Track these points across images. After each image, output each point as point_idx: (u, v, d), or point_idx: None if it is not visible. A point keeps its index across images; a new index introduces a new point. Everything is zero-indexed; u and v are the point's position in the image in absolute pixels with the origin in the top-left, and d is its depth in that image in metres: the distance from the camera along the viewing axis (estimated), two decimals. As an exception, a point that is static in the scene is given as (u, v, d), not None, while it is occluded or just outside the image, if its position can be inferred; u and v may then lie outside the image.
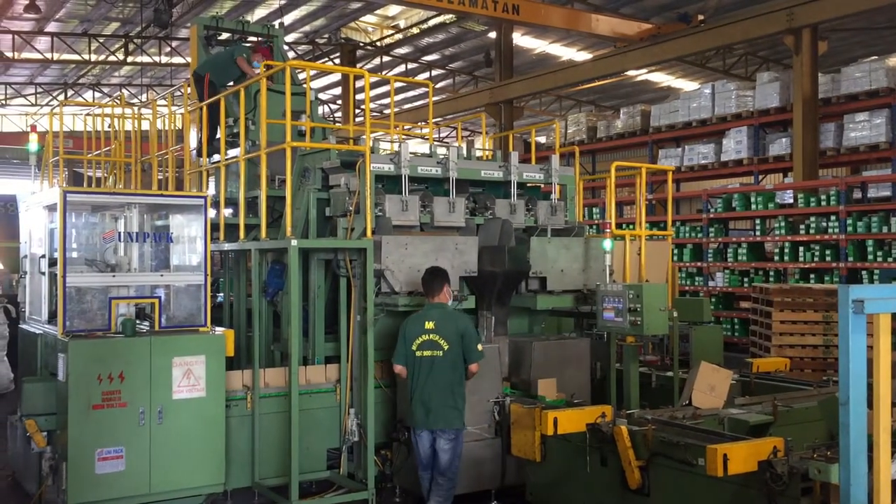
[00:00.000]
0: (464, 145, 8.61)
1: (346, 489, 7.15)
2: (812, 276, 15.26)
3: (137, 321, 6.83)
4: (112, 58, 25.68)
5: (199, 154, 9.95)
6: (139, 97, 30.80)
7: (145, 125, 11.17)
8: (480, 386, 7.07)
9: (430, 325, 6.37)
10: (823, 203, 15.25)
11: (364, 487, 7.03)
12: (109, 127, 11.98)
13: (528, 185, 8.68)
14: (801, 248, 15.53)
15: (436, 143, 9.04)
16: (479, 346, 6.48)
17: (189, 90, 10.29)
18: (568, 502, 6.57)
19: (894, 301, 3.33)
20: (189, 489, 6.72)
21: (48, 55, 25.04)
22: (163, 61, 26.73)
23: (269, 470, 7.24)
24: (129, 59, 25.43)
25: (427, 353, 6.35)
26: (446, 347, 6.33)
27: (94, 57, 25.56)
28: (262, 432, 7.22)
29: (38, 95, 31.51)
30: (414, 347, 6.36)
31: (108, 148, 11.87)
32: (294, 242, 6.91)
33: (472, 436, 7.01)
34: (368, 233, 7.13)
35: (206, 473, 6.75)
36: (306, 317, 7.79)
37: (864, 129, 16.34)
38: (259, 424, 7.20)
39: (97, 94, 31.09)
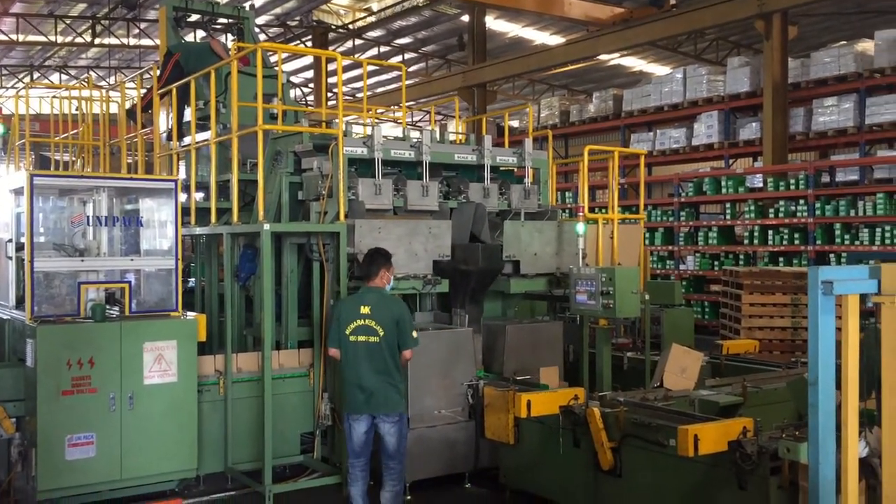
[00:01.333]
0: (437, 129, 8.58)
1: (319, 473, 7.15)
2: (781, 259, 15.45)
3: (107, 306, 6.75)
4: (79, 39, 25.24)
5: (170, 137, 9.83)
6: (107, 80, 30.34)
7: (113, 108, 11.01)
8: (454, 369, 7.09)
9: (365, 309, 5.99)
10: (792, 187, 15.43)
11: (338, 471, 7.03)
12: (77, 110, 11.80)
13: (502, 168, 8.68)
14: (770, 232, 15.72)
15: (409, 126, 9.00)
16: (415, 333, 6.16)
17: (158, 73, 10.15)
18: (541, 484, 6.62)
19: (863, 282, 3.38)
20: (161, 475, 6.68)
21: (13, 36, 24.54)
22: (131, 43, 26.31)
23: (243, 455, 7.22)
24: (97, 40, 25.00)
25: (362, 338, 5.96)
26: (382, 333, 5.96)
27: (60, 39, 25.10)
28: (235, 417, 7.19)
29: (3, 78, 30.91)
30: (347, 332, 5.96)
31: (75, 131, 11.70)
32: (266, 226, 6.87)
33: (445, 419, 7.03)
34: (341, 216, 7.10)
35: (179, 459, 6.71)
36: (279, 301, 7.75)
37: (832, 113, 16.53)
38: (232, 409, 7.17)
39: (64, 77, 30.57)
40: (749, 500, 5.08)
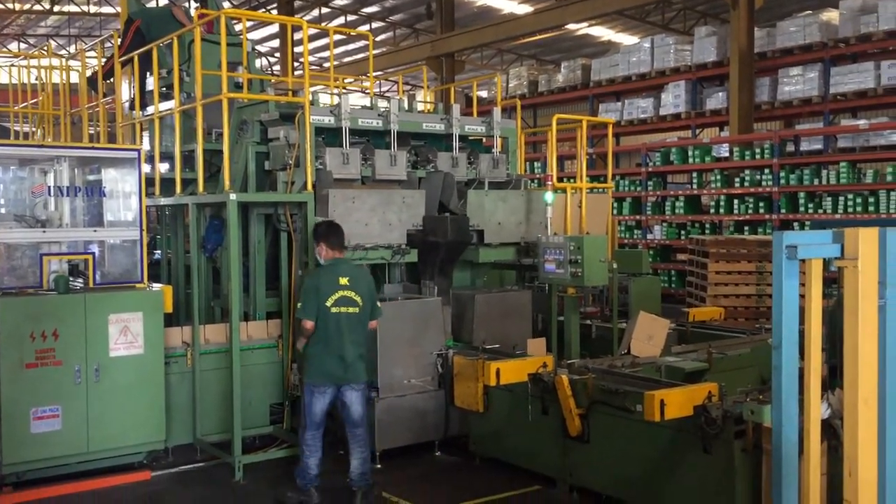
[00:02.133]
0: (405, 98, 8.52)
1: (289, 443, 7.15)
2: (746, 228, 15.63)
3: (71, 278, 6.65)
4: (38, 7, 24.62)
5: (132, 107, 9.66)
6: (67, 48, 29.69)
7: (74, 77, 10.78)
8: (423, 339, 7.10)
9: (344, 280, 6.02)
10: (758, 156, 15.57)
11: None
12: (37, 79, 11.55)
13: (470, 138, 8.65)
14: (735, 201, 15.87)
15: (377, 96, 8.91)
16: (379, 304, 6.31)
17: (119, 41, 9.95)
18: (510, 451, 6.69)
19: (826, 247, 3.42)
20: (129, 447, 6.66)
21: (-32, 4, 23.93)
22: (91, 11, 25.74)
23: (212, 426, 7.20)
24: (56, 8, 24.42)
25: (343, 309, 5.99)
26: (361, 304, 6.05)
27: (18, 6, 24.46)
28: (204, 389, 7.15)
29: (-41, 46, 30.14)
30: (329, 303, 5.96)
31: (35, 100, 11.45)
32: (233, 196, 6.79)
33: (415, 388, 7.05)
34: (309, 186, 7.04)
35: (147, 431, 6.68)
36: (247, 272, 7.69)
37: (797, 83, 16.66)
38: (200, 381, 7.13)
39: (23, 45, 29.86)
40: (714, 463, 5.17)
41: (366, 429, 6.17)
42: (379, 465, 6.85)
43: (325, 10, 26.39)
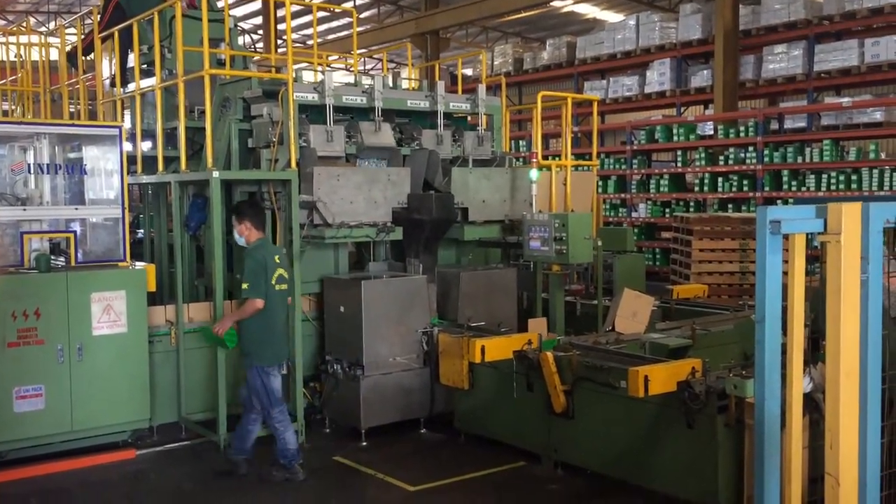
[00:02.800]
0: (389, 76, 8.46)
1: (275, 421, 7.14)
2: (730, 205, 15.69)
3: (52, 257, 6.60)
4: (16, -17, 24.25)
5: (113, 84, 9.54)
6: (46, 24, 29.27)
7: (54, 54, 10.65)
8: (409, 316, 7.10)
9: (277, 258, 6.17)
10: (742, 134, 15.61)
11: (293, 419, 7.02)
12: (16, 56, 11.39)
13: (455, 115, 8.61)
14: (720, 179, 15.92)
15: (361, 73, 8.85)
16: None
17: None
18: (495, 428, 6.71)
19: (810, 221, 3.43)
20: (113, 426, 6.65)
21: (-55, -21, 23.51)
22: (71, -13, 25.38)
23: (196, 404, 7.19)
24: (35, -17, 24.05)
25: (283, 287, 6.16)
26: (289, 282, 6.28)
27: (-5, -18, 24.08)
28: (188, 367, 7.13)
29: (-65, 23, 29.66)
30: (273, 282, 6.07)
31: (14, 77, 11.31)
32: (216, 174, 6.74)
33: (400, 366, 7.06)
34: (293, 164, 6.99)
35: (131, 409, 6.67)
36: (230, 251, 7.65)
37: (782, 60, 16.66)
38: (184, 360, 7.11)
39: (1, 22, 29.42)
40: (697, 437, 5.21)
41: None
42: (364, 443, 6.87)
43: (308, -14, 26.10)
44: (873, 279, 3.44)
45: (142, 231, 9.55)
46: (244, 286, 6.03)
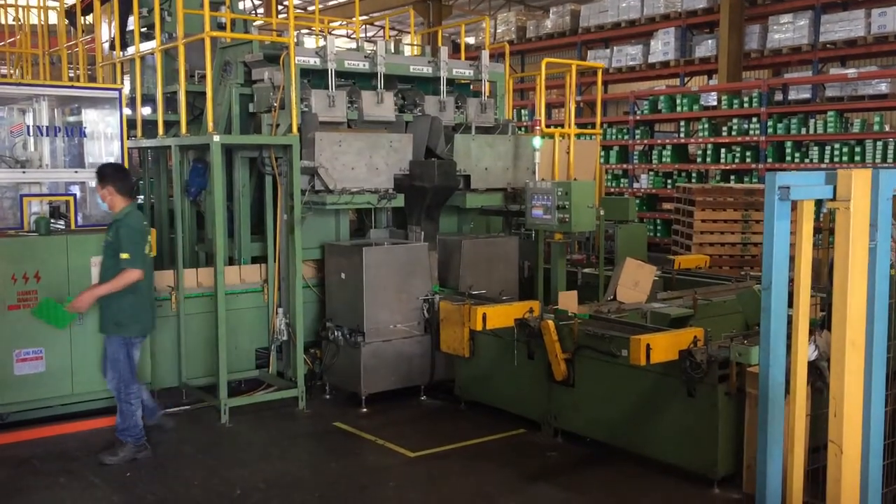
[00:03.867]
0: (392, 42, 8.36)
1: (275, 387, 7.16)
2: (732, 177, 15.62)
3: (52, 220, 6.56)
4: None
5: (112, 47, 9.43)
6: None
7: (52, 18, 10.53)
8: (410, 284, 7.08)
9: (146, 223, 5.94)
10: (746, 105, 15.50)
11: (294, 385, 7.04)
12: (14, 19, 11.27)
13: (458, 82, 8.52)
14: (723, 150, 15.84)
15: (363, 40, 8.75)
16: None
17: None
18: (496, 395, 6.72)
19: (819, 188, 3.40)
20: (114, 390, 6.62)
21: (-59, -60, 23.20)
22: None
23: (197, 370, 7.19)
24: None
25: (152, 254, 6.00)
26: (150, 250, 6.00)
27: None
28: (189, 333, 7.12)
29: (-68, -15, 29.33)
30: (146, 250, 5.85)
31: (12, 39, 11.19)
32: (216, 138, 6.67)
33: (401, 333, 7.05)
34: (294, 129, 6.93)
35: (132, 374, 6.64)
36: (231, 216, 7.61)
37: (787, 30, 16.50)
38: (185, 325, 7.09)
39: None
40: (698, 406, 5.22)
41: None
42: (365, 409, 6.88)
43: (309, -49, 25.81)
44: (882, 247, 3.41)
45: (142, 196, 9.49)
46: (124, 256, 5.60)
